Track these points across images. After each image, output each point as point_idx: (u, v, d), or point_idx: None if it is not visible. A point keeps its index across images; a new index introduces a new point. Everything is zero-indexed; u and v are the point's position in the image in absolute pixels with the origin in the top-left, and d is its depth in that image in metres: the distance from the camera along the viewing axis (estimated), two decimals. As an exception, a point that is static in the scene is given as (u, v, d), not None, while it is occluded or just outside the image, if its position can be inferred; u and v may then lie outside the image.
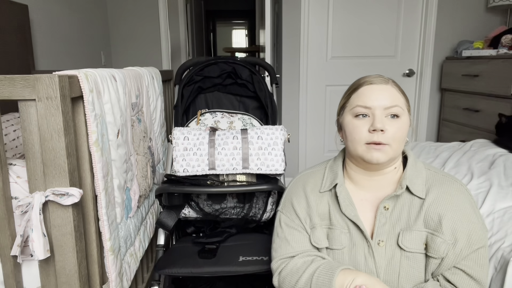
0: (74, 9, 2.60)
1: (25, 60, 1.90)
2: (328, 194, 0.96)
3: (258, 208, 1.41)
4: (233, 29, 8.85)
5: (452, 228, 0.83)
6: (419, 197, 0.87)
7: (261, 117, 1.62)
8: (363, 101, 0.86)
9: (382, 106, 0.85)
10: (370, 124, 0.85)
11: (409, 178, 0.88)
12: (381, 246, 0.87)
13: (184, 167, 1.29)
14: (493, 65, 2.31)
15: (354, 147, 0.87)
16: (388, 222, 0.87)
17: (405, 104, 0.88)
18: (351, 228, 0.90)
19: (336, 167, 0.98)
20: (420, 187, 0.87)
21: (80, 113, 0.94)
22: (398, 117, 0.85)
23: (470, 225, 0.83)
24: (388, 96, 0.85)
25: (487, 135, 2.32)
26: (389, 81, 0.89)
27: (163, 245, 1.39)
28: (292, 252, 0.94)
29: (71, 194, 0.86)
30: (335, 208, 0.93)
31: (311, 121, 3.13)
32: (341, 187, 0.93)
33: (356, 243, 0.89)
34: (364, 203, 0.92)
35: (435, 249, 0.83)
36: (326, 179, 0.97)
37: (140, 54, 3.22)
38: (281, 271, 0.93)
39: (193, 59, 1.61)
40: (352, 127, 0.88)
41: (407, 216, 0.87)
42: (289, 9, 2.94)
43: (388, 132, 0.83)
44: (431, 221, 0.85)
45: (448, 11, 2.92)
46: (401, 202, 0.88)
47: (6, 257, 0.92)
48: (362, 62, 3.03)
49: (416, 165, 0.92)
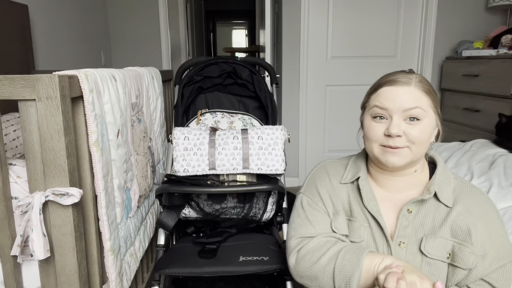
0: (74, 9, 2.60)
1: (25, 60, 1.90)
2: (349, 186, 0.94)
3: (258, 208, 1.41)
4: (233, 29, 8.85)
5: (481, 240, 0.81)
6: (446, 205, 0.85)
7: (261, 117, 1.62)
8: (380, 102, 0.84)
9: (401, 108, 0.81)
10: (386, 128, 0.83)
11: (438, 185, 0.86)
12: (402, 248, 0.85)
13: (184, 167, 1.29)
14: (493, 65, 2.31)
15: (371, 147, 0.86)
16: (411, 226, 0.86)
17: (429, 104, 0.83)
18: (372, 223, 0.88)
19: (360, 162, 0.97)
20: (448, 195, 0.85)
21: (80, 113, 0.94)
22: (418, 120, 0.82)
23: (499, 239, 0.82)
24: (409, 98, 0.82)
25: (487, 135, 2.32)
26: (413, 80, 0.84)
27: (163, 245, 1.39)
28: (313, 232, 0.91)
29: (71, 194, 0.86)
30: (356, 201, 0.92)
31: (311, 121, 3.13)
32: (363, 180, 0.92)
33: (376, 239, 0.87)
34: (384, 201, 0.90)
35: (463, 260, 0.81)
36: (348, 172, 0.96)
37: (140, 54, 3.22)
38: (301, 248, 0.89)
39: (193, 59, 1.61)
40: (368, 128, 0.86)
41: (431, 222, 0.85)
42: (289, 9, 2.94)
43: (407, 136, 0.81)
44: (459, 231, 0.82)
45: (448, 11, 2.92)
46: (426, 207, 0.86)
47: (6, 257, 0.92)
48: (362, 62, 3.03)
49: (445, 172, 0.90)
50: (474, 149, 1.77)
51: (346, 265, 0.80)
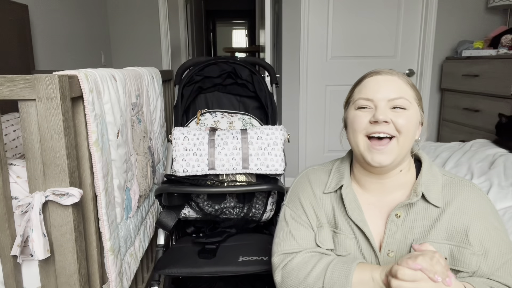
0: (74, 9, 2.60)
1: (25, 60, 1.90)
2: (332, 195, 0.90)
3: (258, 208, 1.41)
4: (233, 29, 8.85)
5: (480, 238, 0.77)
6: (436, 205, 0.80)
7: (261, 117, 1.62)
8: (365, 93, 0.81)
9: (386, 98, 0.78)
10: (372, 115, 0.79)
11: (424, 185, 0.82)
12: (391, 257, 0.81)
13: (184, 167, 1.29)
14: (493, 65, 2.31)
15: (356, 141, 0.82)
16: (400, 231, 0.81)
17: (413, 97, 0.81)
18: (357, 234, 0.84)
19: (343, 168, 0.92)
20: (436, 195, 0.81)
21: (80, 113, 0.94)
22: (404, 109, 0.79)
23: (498, 233, 0.78)
24: (393, 87, 0.79)
25: (487, 135, 2.32)
26: (396, 73, 0.82)
27: (163, 245, 1.39)
28: (297, 247, 0.87)
29: (71, 194, 0.86)
30: (341, 211, 0.87)
31: (311, 121, 3.13)
32: (347, 189, 0.87)
33: (363, 251, 0.83)
34: (371, 207, 0.86)
35: (465, 263, 0.76)
36: (332, 180, 0.91)
37: (140, 54, 3.22)
38: (285, 265, 0.85)
39: (193, 59, 1.61)
40: (353, 119, 0.82)
41: (421, 226, 0.80)
42: (289, 9, 2.94)
43: (395, 124, 0.77)
44: (455, 233, 0.78)
45: (448, 11, 2.92)
46: (414, 211, 0.82)
47: (6, 257, 0.92)
48: (362, 62, 3.03)
49: (431, 170, 0.85)
50: (474, 149, 1.77)
51: (335, 283, 0.77)
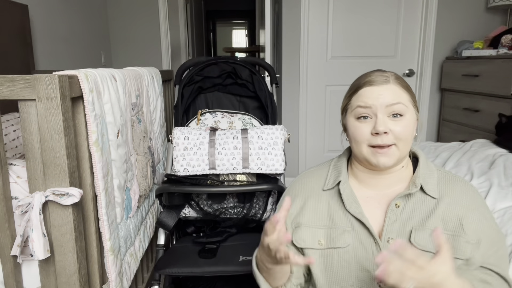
0: (74, 9, 2.60)
1: (25, 60, 1.90)
2: (329, 193, 0.94)
3: (258, 208, 1.41)
4: (233, 29, 8.85)
5: (474, 228, 0.82)
6: (432, 196, 0.87)
7: (261, 117, 1.62)
8: (363, 101, 0.86)
9: (384, 104, 0.84)
10: (373, 126, 0.84)
11: (422, 177, 0.88)
12: (391, 244, 0.86)
13: (184, 167, 1.29)
14: (493, 65, 2.31)
15: (359, 150, 0.87)
16: (399, 220, 0.86)
17: (409, 100, 0.87)
18: (356, 226, 0.88)
19: (341, 164, 0.97)
20: (433, 186, 0.87)
21: (80, 113, 0.94)
22: (401, 115, 0.84)
23: (488, 222, 0.84)
24: (390, 95, 0.84)
25: (487, 135, 2.32)
26: (390, 78, 0.87)
27: (163, 245, 1.39)
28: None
29: (71, 194, 0.86)
30: (339, 206, 0.91)
31: (311, 121, 3.13)
32: (344, 184, 0.92)
33: (363, 241, 0.87)
34: (369, 200, 0.91)
35: (460, 250, 0.81)
36: (330, 177, 0.96)
37: (140, 54, 3.22)
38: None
39: (193, 59, 1.62)
40: (354, 129, 0.87)
41: (419, 215, 0.86)
42: (289, 9, 2.94)
43: (393, 133, 0.83)
44: (450, 223, 0.84)
45: (448, 11, 2.92)
46: (413, 201, 0.87)
47: (6, 257, 0.92)
48: (362, 62, 3.03)
49: (428, 165, 0.91)
50: (474, 149, 1.77)
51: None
